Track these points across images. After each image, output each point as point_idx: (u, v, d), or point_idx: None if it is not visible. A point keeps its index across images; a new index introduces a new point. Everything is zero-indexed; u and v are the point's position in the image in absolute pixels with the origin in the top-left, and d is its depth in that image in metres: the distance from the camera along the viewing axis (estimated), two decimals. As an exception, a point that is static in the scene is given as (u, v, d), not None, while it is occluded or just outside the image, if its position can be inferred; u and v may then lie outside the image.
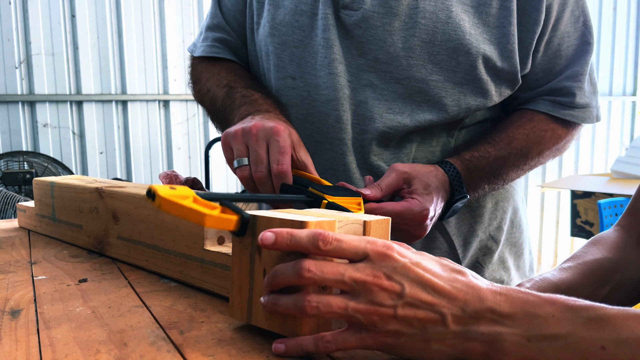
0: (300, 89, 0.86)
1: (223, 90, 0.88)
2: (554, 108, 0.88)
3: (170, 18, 3.32)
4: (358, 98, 0.83)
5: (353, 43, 0.82)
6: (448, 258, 0.89)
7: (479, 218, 0.92)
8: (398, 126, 0.82)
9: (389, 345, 0.43)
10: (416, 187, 0.76)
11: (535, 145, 0.87)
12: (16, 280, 0.72)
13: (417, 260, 0.44)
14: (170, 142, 3.39)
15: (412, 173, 0.76)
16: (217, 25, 0.97)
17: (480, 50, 0.80)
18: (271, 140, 0.69)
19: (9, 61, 2.98)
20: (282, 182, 0.69)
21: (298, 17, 0.84)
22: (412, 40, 0.80)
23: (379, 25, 0.80)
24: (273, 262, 0.48)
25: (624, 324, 0.40)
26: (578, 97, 0.87)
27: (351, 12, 0.81)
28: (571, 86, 0.87)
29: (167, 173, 0.94)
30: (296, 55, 0.85)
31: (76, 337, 0.52)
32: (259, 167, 0.69)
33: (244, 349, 0.48)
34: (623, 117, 5.01)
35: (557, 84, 0.87)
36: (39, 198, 1.02)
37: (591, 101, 0.89)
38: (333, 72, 0.82)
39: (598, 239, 0.73)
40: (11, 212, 2.62)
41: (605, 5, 4.74)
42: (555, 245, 4.75)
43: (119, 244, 0.80)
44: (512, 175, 0.88)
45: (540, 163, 0.90)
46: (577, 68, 0.87)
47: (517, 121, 0.88)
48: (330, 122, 0.84)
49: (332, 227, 0.49)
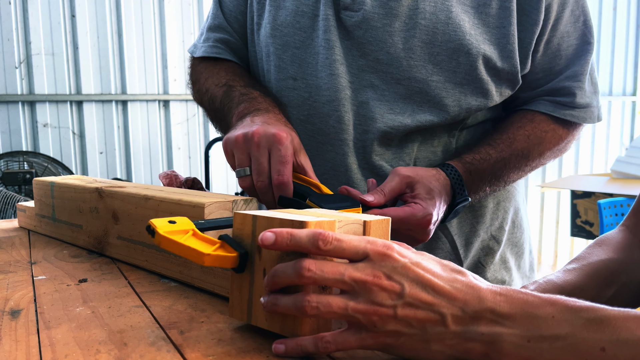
0: (302, 89, 0.86)
1: (222, 90, 0.88)
2: (554, 108, 0.88)
3: (170, 18, 3.31)
4: (359, 99, 0.83)
5: (354, 44, 0.82)
6: (450, 258, 0.89)
7: (481, 218, 0.92)
8: (399, 126, 0.82)
9: (388, 345, 0.43)
10: (419, 192, 0.76)
11: (536, 146, 0.87)
12: (16, 280, 0.72)
13: (417, 260, 0.44)
14: (170, 142, 3.39)
15: (415, 177, 0.76)
16: (218, 25, 0.97)
17: (481, 50, 0.80)
18: (273, 148, 0.68)
19: (9, 61, 2.98)
20: (280, 195, 0.69)
21: (299, 19, 0.85)
22: (413, 41, 0.80)
23: (380, 26, 0.80)
24: (273, 262, 0.48)
25: (624, 325, 0.40)
26: (579, 97, 0.87)
27: (352, 13, 0.81)
28: (571, 86, 0.86)
29: (167, 173, 0.94)
30: (297, 56, 0.85)
31: (76, 337, 0.52)
32: (261, 177, 0.69)
33: (244, 349, 0.48)
34: (623, 117, 5.01)
35: (557, 84, 0.87)
36: (39, 198, 1.02)
37: (592, 101, 0.89)
38: (334, 73, 0.82)
39: (603, 239, 0.73)
40: (11, 212, 2.62)
41: (605, 5, 4.74)
42: (555, 245, 4.75)
43: (119, 244, 0.80)
44: (513, 177, 0.88)
45: (541, 164, 0.90)
46: (577, 68, 0.86)
47: (517, 122, 0.88)
48: (331, 122, 0.84)
49: (332, 227, 0.49)
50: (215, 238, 0.50)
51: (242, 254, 0.49)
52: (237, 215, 0.51)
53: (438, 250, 0.90)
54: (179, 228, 0.48)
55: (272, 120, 0.74)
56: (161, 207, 0.70)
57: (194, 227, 0.50)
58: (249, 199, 0.67)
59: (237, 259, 0.49)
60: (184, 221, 0.50)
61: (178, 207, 0.67)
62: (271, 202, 0.70)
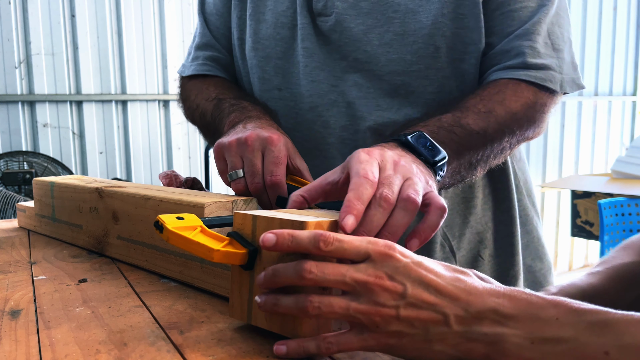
0: (287, 99, 0.87)
1: (212, 103, 0.89)
2: (506, 73, 0.80)
3: (170, 18, 3.31)
4: (346, 99, 0.84)
5: (333, 48, 0.84)
6: (443, 250, 0.88)
7: (473, 209, 0.91)
8: (388, 122, 0.83)
9: (391, 346, 0.43)
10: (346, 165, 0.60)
11: (498, 104, 0.77)
12: (16, 280, 0.72)
13: (419, 260, 0.44)
14: (170, 142, 3.39)
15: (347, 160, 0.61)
16: (206, 44, 0.99)
17: (454, 29, 0.79)
18: (266, 150, 0.68)
19: (8, 61, 2.98)
20: (278, 195, 0.69)
21: (279, 30, 0.86)
22: (387, 35, 0.80)
23: (353, 26, 0.81)
24: (273, 262, 0.48)
25: (627, 330, 0.39)
26: (529, 56, 0.79)
27: (326, 18, 0.83)
28: (521, 45, 0.80)
29: (167, 173, 0.94)
30: (280, 67, 0.87)
31: (76, 337, 0.52)
32: (255, 179, 0.69)
33: (244, 349, 0.48)
34: (623, 117, 5.01)
35: (506, 45, 0.81)
36: (39, 198, 1.02)
37: (550, 63, 0.80)
38: (315, 79, 0.84)
39: (628, 243, 0.72)
40: (11, 212, 2.62)
41: (605, 5, 4.74)
42: (556, 245, 4.75)
43: (118, 244, 0.80)
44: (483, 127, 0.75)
45: (521, 126, 0.79)
46: (527, 26, 0.80)
47: (471, 91, 0.81)
48: (316, 128, 0.85)
49: (332, 227, 0.49)
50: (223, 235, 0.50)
51: (251, 251, 0.49)
52: (237, 215, 0.51)
53: (432, 244, 0.88)
54: (187, 224, 0.48)
55: (264, 125, 0.74)
56: (161, 207, 0.70)
57: (202, 224, 0.50)
58: (249, 199, 0.67)
59: (246, 255, 0.49)
60: (192, 218, 0.50)
61: (178, 207, 0.67)
62: (266, 203, 0.70)
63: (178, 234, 0.47)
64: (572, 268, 4.84)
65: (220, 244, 0.48)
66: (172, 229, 0.47)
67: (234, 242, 0.50)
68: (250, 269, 0.50)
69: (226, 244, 0.49)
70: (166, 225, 0.47)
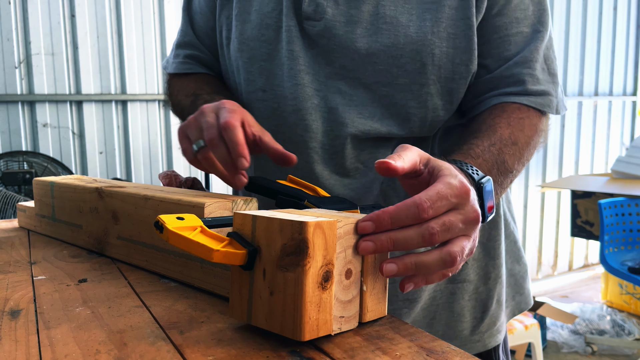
0: (270, 101, 0.87)
1: (190, 99, 0.90)
2: (508, 98, 0.82)
3: (170, 18, 3.31)
4: (329, 105, 0.84)
5: (319, 52, 0.83)
6: None
7: None
8: (370, 130, 0.83)
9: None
10: (434, 166, 0.60)
11: (520, 132, 0.80)
12: (16, 280, 0.72)
13: None
14: (170, 142, 3.39)
15: (426, 154, 0.61)
16: (188, 42, 1.00)
17: (443, 48, 0.79)
18: (219, 109, 0.69)
19: (8, 61, 2.98)
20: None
21: (264, 31, 0.86)
22: (375, 46, 0.80)
23: (342, 34, 0.81)
24: (273, 262, 0.48)
25: None
26: (530, 84, 0.82)
27: (314, 22, 0.82)
28: (521, 73, 0.82)
29: (166, 173, 0.94)
30: (265, 68, 0.87)
31: (76, 337, 0.52)
32: (210, 131, 0.67)
33: (244, 349, 0.48)
34: (623, 117, 5.01)
35: (506, 71, 0.83)
36: (39, 198, 1.02)
37: (549, 90, 0.83)
38: (299, 82, 0.83)
39: None
40: (11, 212, 2.62)
41: (606, 5, 4.74)
42: (556, 245, 4.75)
43: (118, 244, 0.80)
44: (516, 165, 0.78)
45: (531, 155, 0.82)
46: (526, 54, 0.82)
47: (491, 114, 0.82)
48: (298, 132, 0.84)
49: (332, 228, 0.49)
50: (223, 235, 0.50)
51: (250, 251, 0.49)
52: (237, 215, 0.51)
53: None
54: (187, 224, 0.49)
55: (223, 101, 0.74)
56: (161, 207, 0.70)
57: (202, 224, 0.50)
58: (249, 199, 0.67)
59: (246, 255, 0.49)
60: (191, 218, 0.50)
61: (178, 207, 0.67)
62: (225, 155, 0.67)
63: (178, 234, 0.47)
64: (572, 268, 4.84)
65: (220, 244, 0.48)
66: (172, 229, 0.47)
67: (234, 242, 0.50)
68: (250, 269, 0.50)
69: (226, 244, 0.49)
70: (166, 225, 0.47)
